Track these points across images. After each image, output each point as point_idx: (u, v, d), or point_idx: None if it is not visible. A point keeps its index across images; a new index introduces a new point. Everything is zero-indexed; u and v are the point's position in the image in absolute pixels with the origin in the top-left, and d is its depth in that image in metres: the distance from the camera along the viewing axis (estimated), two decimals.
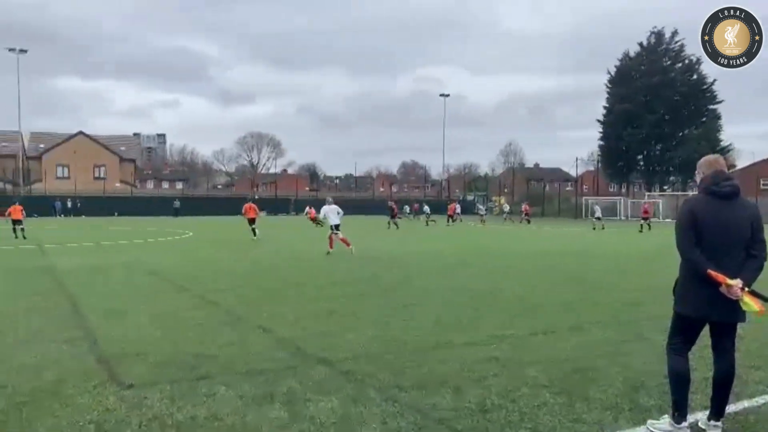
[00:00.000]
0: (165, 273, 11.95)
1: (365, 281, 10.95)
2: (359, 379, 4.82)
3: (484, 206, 56.14)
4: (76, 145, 68.54)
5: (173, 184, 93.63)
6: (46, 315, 7.45)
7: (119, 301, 8.55)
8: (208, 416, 3.96)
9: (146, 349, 5.67)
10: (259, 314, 7.53)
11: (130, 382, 4.66)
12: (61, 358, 5.37)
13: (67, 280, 10.72)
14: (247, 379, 4.77)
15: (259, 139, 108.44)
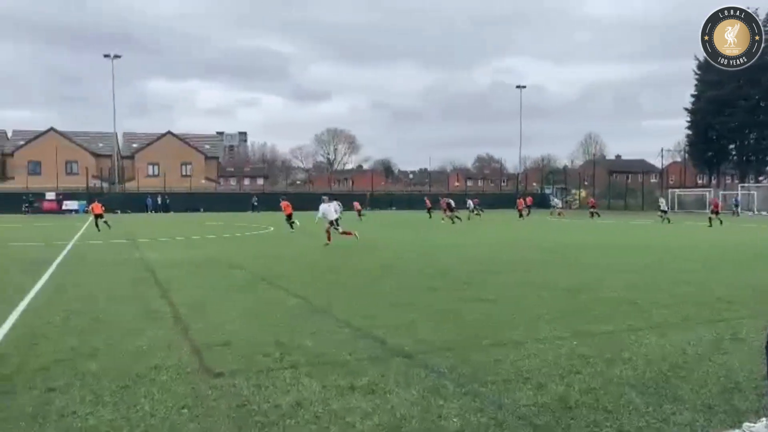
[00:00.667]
0: (249, 266, 12.40)
1: (439, 275, 10.94)
2: (439, 372, 4.84)
3: (561, 199, 54.43)
4: (165, 144, 72.08)
5: (254, 180, 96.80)
6: (143, 305, 7.91)
7: (207, 293, 8.95)
8: (293, 404, 4.10)
9: (233, 340, 5.92)
10: (339, 307, 7.69)
11: (220, 371, 4.89)
12: (156, 346, 5.69)
13: (158, 273, 11.34)
14: (330, 369, 4.90)
15: (335, 136, 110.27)
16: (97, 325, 6.68)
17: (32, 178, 62.63)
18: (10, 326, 6.58)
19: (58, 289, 9.40)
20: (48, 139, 67.51)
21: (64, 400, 4.17)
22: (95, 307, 7.78)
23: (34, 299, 8.37)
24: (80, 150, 68.76)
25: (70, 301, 8.19)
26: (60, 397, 4.23)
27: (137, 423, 3.77)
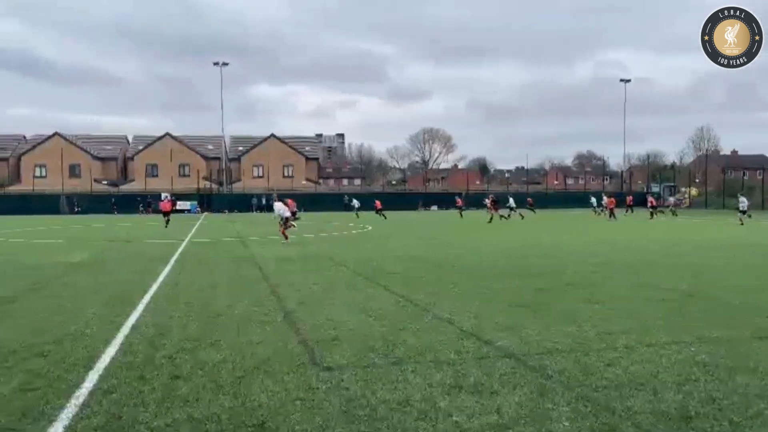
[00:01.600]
0: (351, 264, 12.69)
1: (546, 275, 10.68)
2: (547, 374, 4.74)
3: (674, 197, 51.08)
4: (268, 146, 75.15)
5: (351, 181, 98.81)
6: (254, 300, 8.31)
7: (312, 289, 9.26)
8: (401, 401, 4.16)
9: (341, 335, 6.10)
10: (443, 305, 7.70)
11: (328, 365, 5.05)
12: (268, 340, 5.96)
13: (266, 269, 11.86)
14: (436, 367, 4.93)
15: (431, 135, 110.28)
16: (214, 318, 7.09)
17: (150, 180, 67.37)
18: (137, 318, 7.12)
19: (177, 283, 10.06)
20: (164, 143, 72.32)
21: (188, 387, 4.48)
22: (211, 301, 8.26)
23: (156, 293, 9.01)
24: (192, 153, 73.10)
25: (187, 296, 8.74)
26: (184, 384, 4.54)
27: (254, 412, 3.97)
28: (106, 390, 4.39)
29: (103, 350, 5.54)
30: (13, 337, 6.07)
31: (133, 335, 6.19)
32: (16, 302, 8.27)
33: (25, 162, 70.29)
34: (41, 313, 7.45)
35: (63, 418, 3.83)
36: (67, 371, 4.88)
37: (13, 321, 6.95)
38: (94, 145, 75.48)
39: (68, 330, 6.41)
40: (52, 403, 4.12)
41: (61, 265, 12.83)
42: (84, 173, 69.05)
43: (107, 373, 4.81)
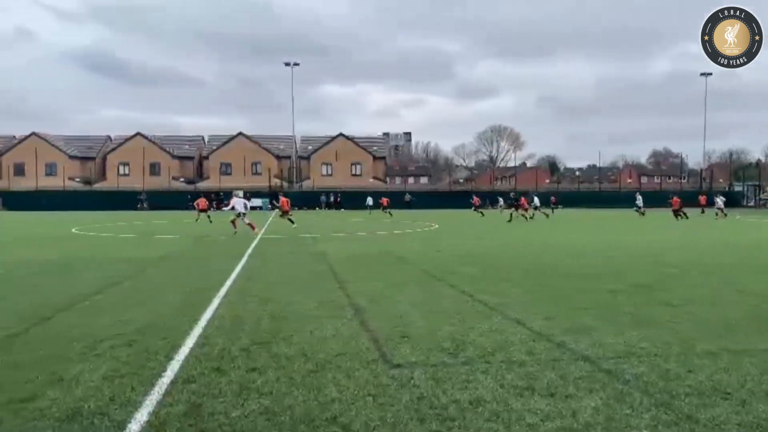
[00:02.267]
0: (418, 262, 12.69)
1: (615, 276, 10.32)
2: (624, 379, 4.58)
3: (764, 197, 48.03)
4: (337, 145, 76.24)
5: (417, 179, 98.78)
6: (324, 295, 8.44)
7: (381, 286, 9.31)
8: (471, 401, 4.13)
9: (410, 332, 6.11)
10: (513, 305, 7.58)
11: (398, 362, 5.07)
12: (339, 335, 6.04)
13: (335, 265, 12.03)
14: (507, 368, 4.86)
15: (499, 133, 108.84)
16: (286, 312, 7.25)
17: (224, 178, 69.70)
18: (213, 311, 7.38)
19: (250, 278, 10.36)
20: (237, 142, 74.64)
21: (263, 380, 4.60)
22: (283, 296, 8.46)
23: (230, 287, 9.31)
24: (264, 152, 75.10)
25: (260, 290, 8.98)
26: (260, 377, 4.67)
27: (326, 406, 4.04)
28: (186, 380, 4.57)
29: (182, 341, 5.77)
30: (101, 327, 6.41)
31: (209, 327, 6.42)
32: (103, 294, 8.74)
33: (110, 160, 74.21)
34: (126, 304, 7.84)
35: (147, 405, 4.02)
36: (149, 360, 5.12)
37: (101, 312, 7.34)
38: (172, 144, 78.81)
39: (150, 321, 6.72)
40: (137, 390, 4.33)
41: (143, 260, 13.47)
42: (163, 171, 72.24)
43: (186, 364, 5.01)
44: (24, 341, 5.82)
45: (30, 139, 73.20)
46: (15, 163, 72.08)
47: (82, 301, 8.03)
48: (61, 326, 6.49)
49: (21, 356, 5.25)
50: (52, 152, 73.01)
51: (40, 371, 4.79)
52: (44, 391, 4.31)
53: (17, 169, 71.67)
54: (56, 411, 3.92)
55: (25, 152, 72.05)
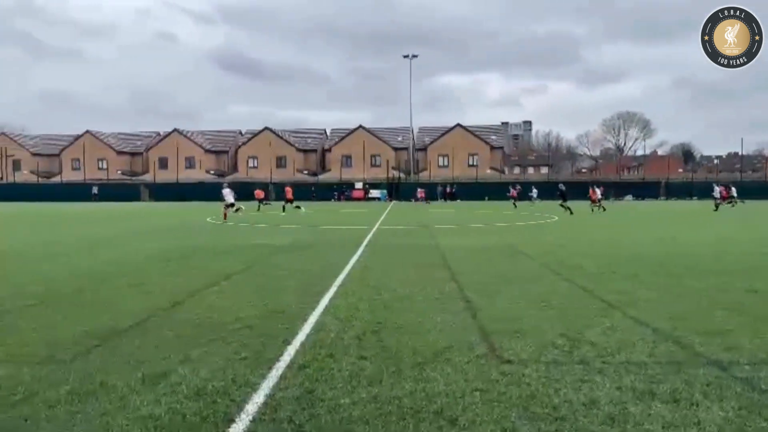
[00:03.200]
0: (535, 255, 12.34)
1: (754, 274, 9.39)
2: (761, 388, 4.17)
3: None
4: (454, 136, 75.88)
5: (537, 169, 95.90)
6: (436, 287, 8.45)
7: (494, 279, 9.16)
8: (586, 402, 3.95)
9: (522, 328, 5.96)
10: (635, 303, 7.16)
11: (509, 358, 4.96)
12: (449, 328, 6.03)
13: (449, 257, 12.00)
14: (625, 370, 4.60)
15: (627, 120, 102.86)
16: (398, 302, 7.35)
17: (345, 170, 71.80)
18: (329, 298, 7.64)
19: (366, 267, 10.60)
20: (357, 135, 76.51)
21: (373, 368, 4.70)
22: (396, 286, 8.57)
23: (347, 276, 9.59)
24: (382, 144, 76.40)
25: (375, 280, 9.16)
26: (369, 366, 4.77)
27: (433, 398, 4.05)
28: (301, 365, 4.77)
29: (299, 327, 6.03)
30: (228, 310, 6.86)
31: (325, 315, 6.65)
32: (231, 279, 9.34)
33: (241, 154, 78.94)
34: (250, 290, 8.33)
35: (264, 388, 4.24)
36: (268, 344, 5.40)
37: (227, 296, 7.85)
38: (297, 138, 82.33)
39: (271, 307, 7.08)
40: (256, 372, 4.59)
41: (268, 247, 14.22)
42: (289, 164, 75.72)
43: (302, 349, 5.23)
44: (162, 322, 6.35)
45: (172, 135, 79.59)
46: (159, 158, 78.73)
47: (213, 285, 8.63)
48: (194, 308, 7.02)
49: (159, 335, 5.74)
50: (191, 147, 78.89)
51: (173, 350, 5.21)
52: (175, 368, 4.69)
53: (161, 163, 78.25)
54: (184, 388, 4.25)
55: (168, 147, 78.47)
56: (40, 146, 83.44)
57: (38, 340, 5.54)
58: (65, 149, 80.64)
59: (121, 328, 6.04)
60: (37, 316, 6.66)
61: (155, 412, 3.80)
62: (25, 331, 5.90)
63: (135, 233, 19.24)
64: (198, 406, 3.89)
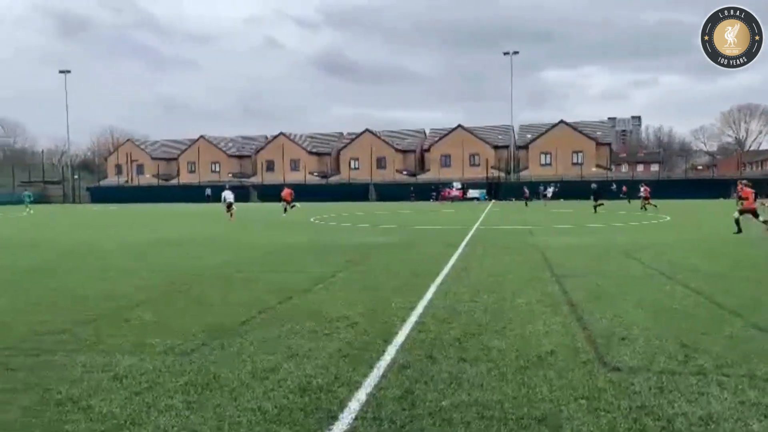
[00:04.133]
0: (644, 257, 11.71)
1: None
2: None
3: None
4: (557, 133, 73.49)
5: (647, 166, 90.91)
6: (538, 289, 8.24)
7: (601, 282, 8.79)
8: (702, 416, 3.70)
9: (632, 334, 5.68)
10: (761, 311, 6.62)
11: (617, 365, 4.75)
12: (553, 332, 5.86)
13: (551, 258, 11.64)
14: (749, 384, 4.26)
15: (748, 112, 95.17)
16: (498, 304, 7.23)
17: (443, 170, 71.63)
18: (429, 298, 7.66)
19: (465, 268, 10.52)
20: (456, 135, 76.04)
21: (474, 371, 4.66)
22: (496, 287, 8.44)
23: (446, 276, 9.56)
24: (481, 143, 75.43)
25: (475, 281, 9.07)
26: (470, 368, 4.73)
27: (536, 405, 3.95)
28: (402, 365, 4.82)
29: (399, 327, 6.10)
30: (332, 308, 7.06)
31: (425, 315, 6.67)
32: (335, 276, 9.60)
33: (342, 156, 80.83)
34: (352, 288, 8.51)
35: (366, 386, 4.33)
36: (370, 343, 5.50)
37: (332, 294, 8.08)
38: (396, 138, 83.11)
39: (372, 305, 7.21)
40: (358, 370, 4.69)
41: (369, 246, 14.47)
42: (389, 165, 76.58)
43: (402, 349, 5.28)
44: (272, 317, 6.64)
45: (278, 139, 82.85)
46: (266, 160, 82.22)
47: (318, 282, 8.91)
48: (300, 305, 7.29)
49: (268, 331, 6.00)
50: (296, 149, 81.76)
51: (280, 346, 5.44)
52: (282, 364, 4.89)
53: (268, 165, 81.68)
54: (290, 383, 4.42)
55: (274, 150, 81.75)
56: (159, 151, 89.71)
57: (159, 333, 5.96)
58: (182, 153, 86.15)
59: (233, 323, 6.37)
60: (158, 310, 7.17)
61: (264, 405, 3.98)
62: (148, 324, 6.38)
63: (244, 232, 20.22)
64: (303, 402, 4.04)
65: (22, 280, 9.77)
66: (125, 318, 6.69)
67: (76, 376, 4.61)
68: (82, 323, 6.44)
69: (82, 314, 6.88)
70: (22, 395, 4.22)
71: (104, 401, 4.07)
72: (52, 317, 6.76)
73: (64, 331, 6.11)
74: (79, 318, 6.69)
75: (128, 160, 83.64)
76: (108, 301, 7.66)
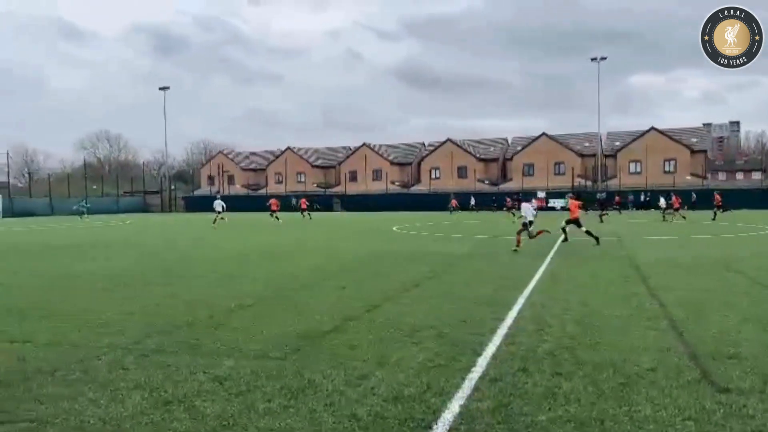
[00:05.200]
0: (749, 270, 10.96)
1: None
2: None
3: None
4: (647, 140, 70.37)
5: (748, 174, 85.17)
6: (633, 302, 7.89)
7: (701, 296, 8.30)
8: None
9: (740, 352, 5.33)
10: None
11: (726, 386, 4.47)
12: (652, 348, 5.59)
13: (645, 271, 11.11)
14: None
15: None
16: (591, 318, 6.99)
17: (526, 179, 70.20)
18: (518, 309, 7.51)
19: (554, 280, 10.24)
20: (540, 143, 74.42)
21: (569, 386, 4.51)
22: (588, 299, 8.17)
23: (535, 287, 9.35)
24: (567, 151, 73.38)
25: (565, 292, 8.81)
26: (566, 383, 4.59)
27: (639, 424, 3.78)
28: (493, 377, 4.75)
29: (489, 338, 6.01)
30: (419, 316, 7.08)
31: (514, 326, 6.55)
32: (420, 286, 9.61)
33: (424, 165, 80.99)
34: (438, 297, 8.49)
35: (458, 397, 4.29)
36: (459, 353, 5.46)
37: (418, 302, 8.09)
38: (478, 147, 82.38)
39: (459, 315, 7.16)
40: (450, 381, 4.66)
41: (453, 255, 14.39)
42: (469, 174, 75.97)
43: (493, 361, 5.20)
44: (359, 325, 6.74)
45: (361, 149, 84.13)
46: (349, 171, 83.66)
47: (404, 291, 8.95)
48: (388, 313, 7.35)
49: (356, 338, 6.09)
50: (378, 160, 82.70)
51: (371, 353, 5.50)
52: (373, 371, 4.94)
53: (351, 176, 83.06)
54: (383, 391, 4.45)
55: (357, 160, 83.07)
56: (248, 161, 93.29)
57: (255, 337, 6.18)
58: (270, 164, 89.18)
59: (324, 329, 6.51)
60: (254, 314, 7.45)
61: (358, 412, 4.03)
62: (244, 329, 6.63)
63: (330, 240, 20.63)
64: (397, 410, 4.06)
65: (135, 284, 10.40)
66: (222, 323, 6.99)
67: (181, 377, 4.85)
68: (185, 326, 6.78)
69: (185, 318, 7.25)
70: (133, 393, 4.49)
71: (207, 402, 4.26)
72: (160, 320, 7.16)
73: (169, 332, 6.46)
74: (182, 321, 7.05)
75: (219, 171, 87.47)
76: (208, 307, 8.02)
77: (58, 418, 3.99)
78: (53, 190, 67.29)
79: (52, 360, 5.43)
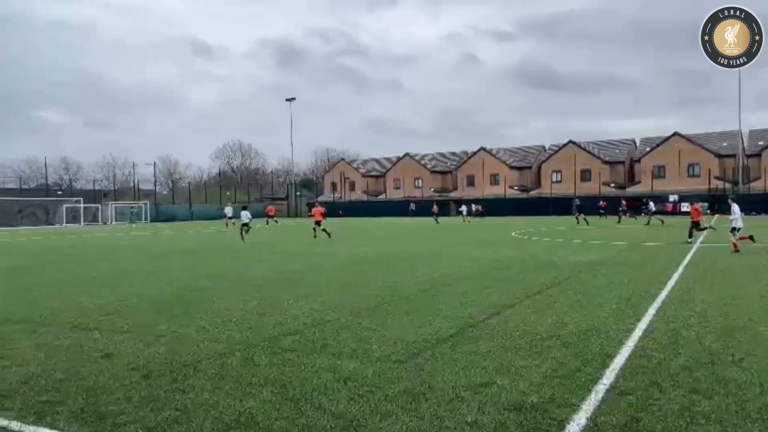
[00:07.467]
0: None
1: None
2: None
3: None
4: None
5: None
6: None
7: None
8: None
9: None
10: None
11: None
12: None
13: None
14: None
15: None
16: (733, 333, 6.43)
17: (656, 182, 65.98)
18: (648, 321, 7.09)
19: (689, 290, 9.53)
20: (671, 143, 69.69)
21: (710, 405, 4.20)
22: (730, 312, 7.54)
23: (667, 297, 8.77)
24: (702, 151, 68.15)
25: (702, 304, 8.19)
26: (705, 401, 4.27)
27: None
28: (623, 391, 4.52)
29: (617, 350, 5.74)
30: (543, 325, 6.90)
31: (645, 338, 6.19)
32: (543, 293, 9.37)
33: (544, 169, 78.68)
34: (563, 305, 8.22)
35: (584, 410, 4.14)
36: (585, 364, 5.25)
37: (541, 310, 7.88)
38: (602, 149, 78.70)
39: (585, 325, 6.89)
40: (575, 393, 4.50)
41: (577, 263, 13.86)
42: (594, 177, 72.70)
43: (622, 374, 4.96)
44: (481, 331, 6.69)
45: (479, 154, 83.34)
46: (467, 175, 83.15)
47: (527, 298, 8.76)
48: (510, 320, 7.23)
49: (478, 345, 6.05)
50: (496, 164, 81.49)
51: (491, 360, 5.44)
52: (494, 379, 4.88)
53: (468, 180, 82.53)
54: (504, 399, 4.39)
55: (474, 165, 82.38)
56: (368, 168, 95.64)
57: (376, 340, 6.33)
58: (388, 171, 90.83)
59: (444, 335, 6.54)
60: (376, 318, 7.63)
61: (480, 419, 4.01)
62: (367, 331, 6.81)
63: (447, 246, 20.63)
64: (520, 420, 3.99)
65: (266, 287, 11.05)
66: (346, 325, 7.22)
67: (307, 375, 5.08)
68: (311, 326, 7.10)
69: (310, 318, 7.59)
70: (264, 388, 4.77)
71: (332, 401, 4.43)
72: (289, 320, 7.55)
73: (297, 332, 6.79)
74: (308, 322, 7.38)
75: (341, 178, 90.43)
76: (333, 310, 8.34)
77: (200, 408, 4.33)
78: (192, 198, 73.08)
79: (195, 354, 5.89)
